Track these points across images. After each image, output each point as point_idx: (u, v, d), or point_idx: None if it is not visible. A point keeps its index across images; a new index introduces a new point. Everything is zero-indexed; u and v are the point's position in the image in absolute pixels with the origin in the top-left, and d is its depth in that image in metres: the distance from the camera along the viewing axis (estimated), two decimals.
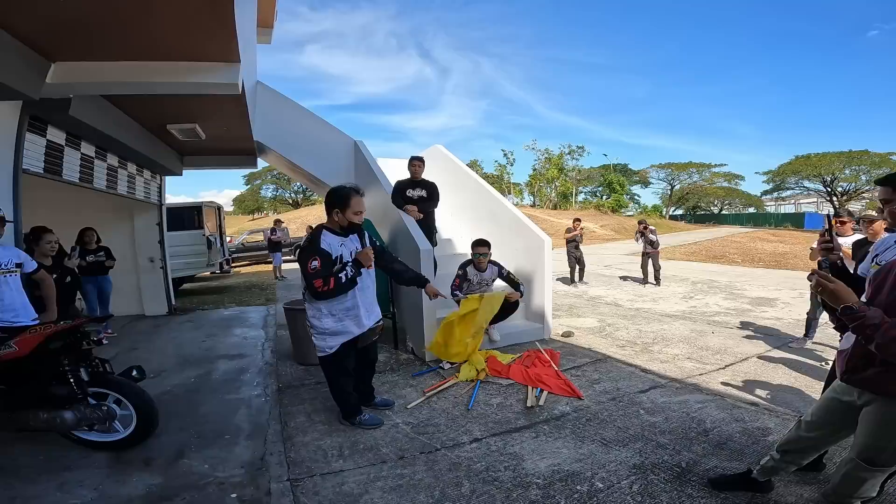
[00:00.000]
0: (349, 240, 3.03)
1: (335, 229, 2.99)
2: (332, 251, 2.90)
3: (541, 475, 2.55)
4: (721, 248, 17.29)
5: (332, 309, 2.95)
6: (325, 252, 2.86)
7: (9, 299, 3.02)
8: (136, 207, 7.27)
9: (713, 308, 7.06)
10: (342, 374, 3.13)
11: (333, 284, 2.78)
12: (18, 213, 3.61)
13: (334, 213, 2.96)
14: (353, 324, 3.02)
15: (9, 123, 3.53)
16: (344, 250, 2.96)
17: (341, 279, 2.81)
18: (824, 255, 1.91)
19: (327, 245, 2.90)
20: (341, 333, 3.00)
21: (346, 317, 2.99)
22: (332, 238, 2.95)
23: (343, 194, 2.94)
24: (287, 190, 49.91)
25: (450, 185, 6.88)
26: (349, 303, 2.98)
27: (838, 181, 36.26)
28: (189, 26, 3.02)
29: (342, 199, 2.93)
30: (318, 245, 2.87)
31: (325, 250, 2.87)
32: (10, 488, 2.50)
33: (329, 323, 2.97)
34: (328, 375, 3.17)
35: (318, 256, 2.81)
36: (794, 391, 3.69)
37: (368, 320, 3.10)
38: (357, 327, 3.03)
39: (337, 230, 2.99)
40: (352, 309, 3.00)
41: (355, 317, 3.01)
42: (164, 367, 4.71)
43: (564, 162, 44.42)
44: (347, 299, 2.96)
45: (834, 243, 1.90)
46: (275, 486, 2.53)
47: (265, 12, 6.67)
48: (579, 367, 4.34)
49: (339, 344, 3.01)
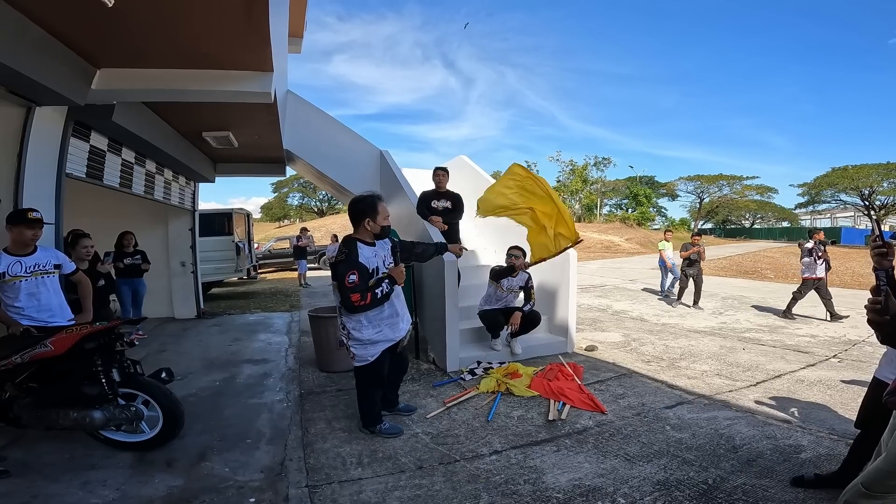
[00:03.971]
0: (379, 247, 3.08)
1: (366, 239, 3.03)
2: (369, 264, 2.94)
3: (561, 489, 2.50)
4: (752, 264, 16.77)
5: (371, 319, 2.99)
6: (363, 266, 2.89)
7: (45, 299, 3.13)
8: (171, 213, 7.51)
9: (744, 324, 6.84)
10: (376, 384, 3.16)
11: (370, 300, 2.84)
12: (60, 217, 3.77)
13: (365, 223, 3.00)
14: (391, 330, 3.08)
15: (55, 128, 3.70)
16: (378, 261, 3.01)
17: (377, 294, 2.86)
18: (878, 260, 1.78)
19: (364, 259, 2.93)
20: (381, 341, 3.05)
21: (384, 325, 3.04)
22: (367, 250, 2.98)
23: (371, 203, 3.00)
24: (313, 198, 50.84)
25: (474, 196, 6.87)
26: (387, 311, 3.04)
27: (876, 194, 34.89)
28: (226, 35, 3.15)
29: (372, 207, 2.99)
30: (357, 259, 2.90)
31: (364, 265, 2.90)
32: (33, 486, 2.57)
33: (369, 333, 2.99)
34: (360, 384, 3.19)
35: (357, 271, 2.85)
36: (829, 410, 3.54)
37: (405, 324, 3.18)
38: (394, 332, 3.10)
39: (368, 239, 3.03)
40: (390, 316, 3.06)
41: (393, 324, 3.08)
42: (190, 370, 4.82)
43: (589, 173, 43.96)
44: (385, 308, 3.02)
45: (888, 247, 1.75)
46: (293, 492, 2.54)
47: (295, 22, 6.85)
48: (603, 382, 4.25)
49: (380, 352, 3.06)
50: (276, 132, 5.78)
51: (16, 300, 3.02)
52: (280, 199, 52.04)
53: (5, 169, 3.35)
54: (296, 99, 7.11)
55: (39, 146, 3.50)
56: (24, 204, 3.31)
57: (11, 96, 3.17)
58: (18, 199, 3.34)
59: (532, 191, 4.31)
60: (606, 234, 32.05)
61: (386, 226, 3.05)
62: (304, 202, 52.22)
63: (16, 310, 3.02)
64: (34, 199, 3.39)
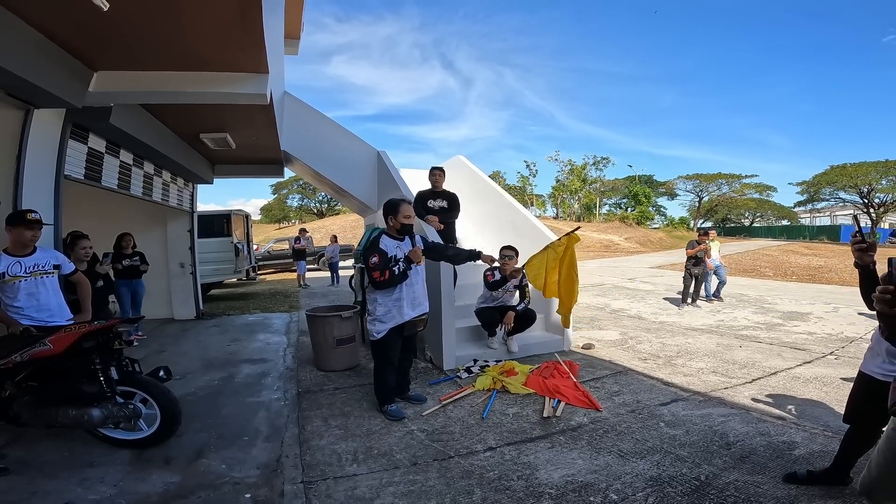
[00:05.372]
0: (404, 243, 3.57)
1: (392, 234, 3.57)
2: (389, 251, 3.46)
3: (554, 485, 2.52)
4: (752, 262, 16.80)
5: (384, 299, 3.47)
6: (382, 251, 3.43)
7: (45, 299, 3.16)
8: (169, 214, 7.54)
9: (742, 322, 6.86)
10: (385, 361, 3.57)
11: (388, 276, 3.34)
12: (59, 218, 3.80)
13: (389, 219, 3.56)
14: (398, 313, 3.48)
15: (53, 131, 3.73)
16: (399, 252, 3.49)
17: (395, 271, 3.36)
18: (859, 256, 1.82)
19: (385, 246, 3.47)
20: (389, 321, 3.47)
21: (393, 306, 3.47)
22: (390, 241, 3.52)
23: (394, 203, 3.56)
24: (312, 200, 50.91)
25: (472, 196, 6.92)
26: (396, 295, 3.47)
27: (875, 192, 34.87)
28: (221, 38, 3.17)
29: (394, 207, 3.54)
30: (378, 245, 3.46)
31: (383, 249, 3.44)
32: (32, 482, 2.60)
33: (381, 310, 3.48)
34: (376, 361, 3.65)
35: (378, 254, 3.39)
36: (824, 406, 3.56)
37: (412, 311, 3.54)
38: (400, 316, 3.49)
39: (393, 234, 3.56)
40: (398, 300, 3.47)
41: (399, 308, 3.48)
42: (189, 370, 4.84)
43: (588, 173, 43.98)
44: (395, 291, 3.46)
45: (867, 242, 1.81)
46: (288, 488, 2.57)
47: (292, 24, 6.87)
48: (599, 380, 4.27)
49: (387, 330, 3.47)
50: (274, 133, 5.81)
51: (15, 300, 3.05)
52: (279, 201, 52.12)
53: (4, 171, 3.37)
54: (293, 100, 7.13)
55: (38, 148, 3.53)
56: (23, 205, 3.33)
57: (10, 99, 3.19)
58: (17, 200, 3.37)
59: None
60: (605, 233, 32.10)
61: (406, 224, 3.52)
62: (303, 204, 52.29)
63: (15, 309, 3.05)
64: (33, 200, 3.42)
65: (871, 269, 1.83)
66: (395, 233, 3.56)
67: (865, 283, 1.84)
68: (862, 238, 1.81)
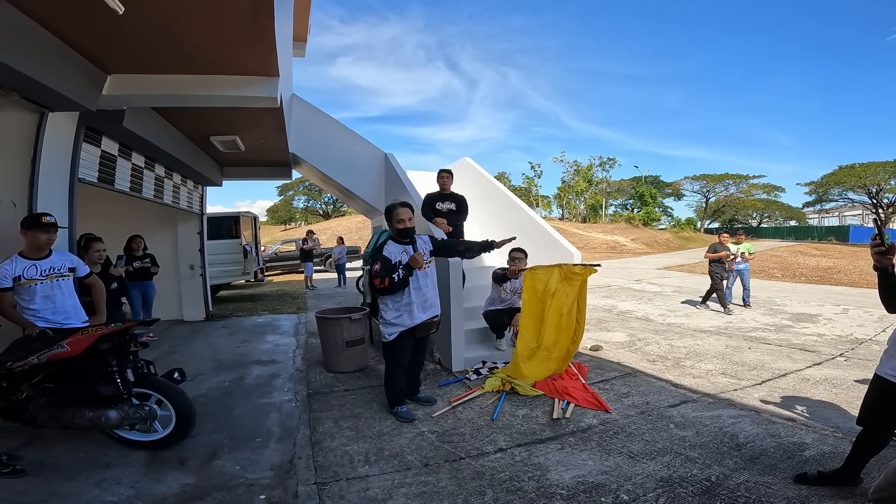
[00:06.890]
0: (410, 247, 3.55)
1: (395, 238, 3.58)
2: (393, 257, 3.46)
3: (565, 486, 2.53)
4: (760, 263, 16.65)
5: (393, 303, 3.49)
6: (385, 258, 3.43)
7: (60, 302, 3.20)
8: (180, 217, 7.60)
9: (750, 324, 6.83)
10: (395, 363, 3.60)
11: (388, 283, 3.33)
12: (73, 221, 3.84)
13: (390, 225, 3.58)
14: (408, 317, 3.50)
15: (67, 134, 3.77)
16: (405, 256, 3.47)
17: (394, 279, 3.35)
18: (878, 259, 1.81)
19: (388, 252, 3.47)
20: (398, 325, 3.49)
21: (403, 311, 3.49)
22: (394, 246, 3.52)
23: (389, 209, 3.57)
24: (318, 201, 51.11)
25: (478, 198, 6.93)
26: (406, 299, 3.48)
27: (884, 192, 34.58)
28: (232, 41, 3.22)
29: (389, 213, 3.56)
30: (381, 252, 3.48)
31: (386, 256, 3.45)
32: (49, 484, 2.63)
33: (391, 314, 3.50)
34: (387, 363, 3.69)
35: (380, 261, 3.41)
36: (834, 408, 3.55)
37: (422, 314, 3.55)
38: (410, 320, 3.50)
39: (396, 238, 3.56)
40: (407, 305, 3.49)
41: (410, 311, 3.49)
42: (200, 371, 4.89)
43: (594, 174, 43.83)
44: (405, 296, 3.47)
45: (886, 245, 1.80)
46: (302, 489, 2.59)
47: (299, 26, 6.92)
48: (607, 381, 4.28)
49: (398, 333, 3.50)
50: (282, 136, 5.85)
51: (31, 302, 3.08)
52: (285, 202, 52.38)
53: (20, 174, 3.41)
54: (301, 102, 7.18)
55: (52, 151, 3.57)
56: (38, 208, 3.38)
57: (25, 102, 3.23)
58: (32, 203, 3.41)
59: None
60: (612, 234, 32.00)
61: (401, 228, 3.49)
62: (309, 205, 52.52)
63: (31, 312, 3.08)
64: (48, 203, 3.46)
65: (890, 271, 1.82)
66: (397, 236, 3.58)
67: (884, 286, 1.83)
68: (882, 241, 1.80)
